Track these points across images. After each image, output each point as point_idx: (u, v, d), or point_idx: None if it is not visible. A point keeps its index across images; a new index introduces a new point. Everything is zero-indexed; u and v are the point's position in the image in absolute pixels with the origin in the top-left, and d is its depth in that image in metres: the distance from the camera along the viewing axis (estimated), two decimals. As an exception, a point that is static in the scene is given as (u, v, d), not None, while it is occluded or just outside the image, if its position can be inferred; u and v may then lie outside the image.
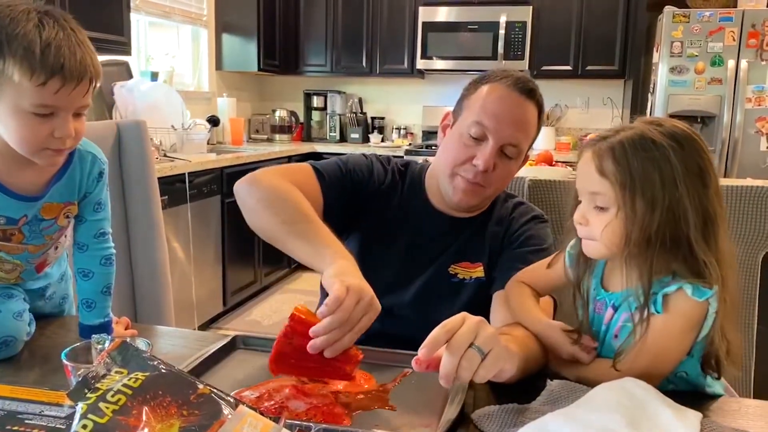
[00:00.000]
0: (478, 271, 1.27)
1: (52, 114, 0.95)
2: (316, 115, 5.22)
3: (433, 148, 4.35)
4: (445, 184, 1.25)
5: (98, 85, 1.01)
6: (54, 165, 1.06)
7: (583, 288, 1.05)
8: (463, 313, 0.85)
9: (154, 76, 3.72)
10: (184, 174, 3.09)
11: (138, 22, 3.86)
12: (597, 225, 0.94)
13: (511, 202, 1.34)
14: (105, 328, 1.18)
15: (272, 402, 0.88)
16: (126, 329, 1.23)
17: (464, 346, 0.80)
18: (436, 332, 0.82)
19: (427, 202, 1.31)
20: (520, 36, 4.43)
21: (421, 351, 0.81)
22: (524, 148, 1.24)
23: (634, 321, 0.94)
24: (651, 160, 0.90)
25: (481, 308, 1.22)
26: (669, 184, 0.89)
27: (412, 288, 1.27)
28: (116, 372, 0.68)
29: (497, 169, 1.20)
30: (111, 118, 3.36)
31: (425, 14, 4.59)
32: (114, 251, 1.21)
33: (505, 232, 1.28)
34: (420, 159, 1.56)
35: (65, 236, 1.20)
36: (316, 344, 0.89)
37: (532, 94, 1.21)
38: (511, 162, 1.23)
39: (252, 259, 3.95)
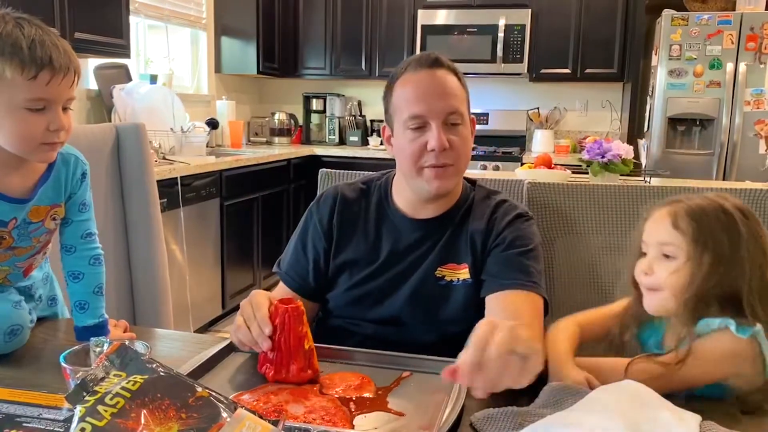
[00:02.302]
0: (464, 273, 1.25)
1: (44, 108, 1.00)
2: (315, 118, 5.22)
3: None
4: (417, 183, 1.24)
5: (80, 78, 1.06)
6: (48, 161, 1.10)
7: (626, 339, 1.11)
8: (491, 320, 0.81)
9: (154, 79, 3.73)
10: (183, 177, 3.09)
11: (137, 25, 3.87)
12: (662, 272, 1.04)
13: (493, 199, 1.32)
14: (101, 328, 1.18)
15: (271, 405, 0.88)
16: (124, 332, 1.24)
17: (505, 356, 0.76)
18: (472, 353, 0.77)
19: (398, 211, 1.30)
20: (519, 39, 4.43)
21: (463, 377, 0.77)
22: (464, 110, 1.23)
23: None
24: (722, 224, 1.02)
25: (473, 311, 1.22)
26: (735, 247, 1.01)
27: (401, 295, 1.26)
28: (115, 375, 0.68)
29: (454, 142, 1.20)
30: (110, 121, 3.37)
31: (424, 17, 4.59)
32: (102, 251, 1.23)
33: (490, 232, 1.26)
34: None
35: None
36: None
37: (438, 63, 1.23)
38: (460, 128, 1.22)
39: (251, 262, 3.95)
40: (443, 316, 1.24)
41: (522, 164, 3.38)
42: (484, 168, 4.26)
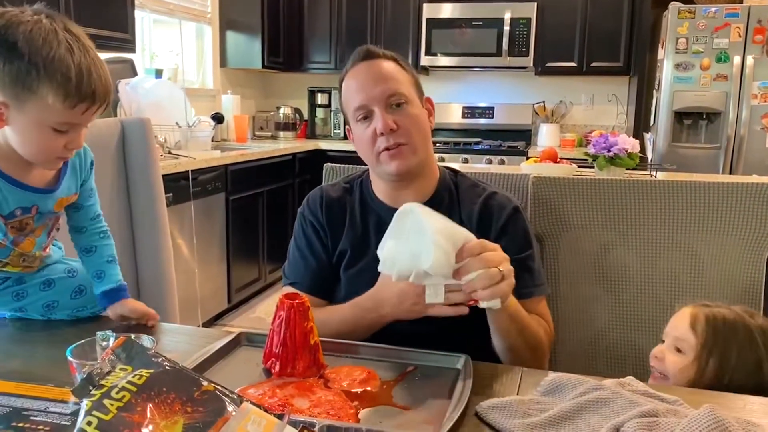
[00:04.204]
0: None
1: (68, 130, 1.03)
2: (320, 112, 5.22)
3: (437, 145, 4.34)
4: (380, 169, 1.26)
5: (110, 104, 1.11)
6: (53, 170, 1.15)
7: None
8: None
9: (159, 74, 3.73)
10: (188, 171, 3.10)
11: (142, 20, 3.87)
12: (671, 364, 1.16)
13: (481, 188, 1.32)
14: (121, 291, 1.24)
15: (276, 399, 0.88)
16: (150, 322, 1.24)
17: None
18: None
19: (380, 202, 1.32)
20: (524, 32, 4.41)
21: None
22: (407, 91, 1.24)
23: None
24: (737, 337, 1.11)
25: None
26: (750, 367, 1.10)
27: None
28: (121, 369, 0.68)
29: (401, 121, 1.22)
30: (115, 115, 3.37)
31: (429, 11, 4.58)
32: (108, 227, 1.31)
33: (488, 225, 1.26)
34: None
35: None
36: None
37: (371, 54, 1.26)
38: (407, 107, 1.24)
39: (256, 256, 3.96)
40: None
41: (527, 158, 3.36)
42: (489, 162, 4.25)
